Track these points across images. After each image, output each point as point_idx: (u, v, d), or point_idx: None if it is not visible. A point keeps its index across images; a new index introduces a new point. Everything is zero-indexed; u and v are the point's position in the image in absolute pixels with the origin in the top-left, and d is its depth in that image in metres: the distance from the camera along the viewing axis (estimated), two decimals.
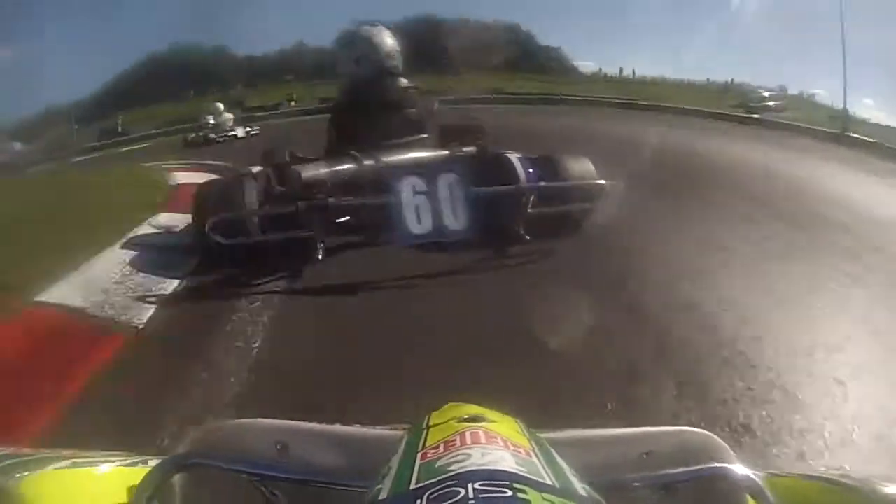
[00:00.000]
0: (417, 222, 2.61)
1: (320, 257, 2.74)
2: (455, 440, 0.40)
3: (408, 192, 2.61)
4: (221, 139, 11.24)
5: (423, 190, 2.65)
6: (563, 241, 3.09)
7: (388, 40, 3.40)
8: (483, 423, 0.43)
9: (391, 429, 0.55)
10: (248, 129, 11.72)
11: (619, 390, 1.81)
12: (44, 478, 0.47)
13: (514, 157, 3.21)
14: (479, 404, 0.49)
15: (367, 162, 2.92)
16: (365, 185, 2.87)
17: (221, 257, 2.77)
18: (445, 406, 0.50)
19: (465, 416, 0.45)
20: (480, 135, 3.72)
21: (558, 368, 1.88)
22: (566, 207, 3.07)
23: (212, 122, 11.77)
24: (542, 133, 7.24)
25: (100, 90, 18.74)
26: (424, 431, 0.45)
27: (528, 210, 3.00)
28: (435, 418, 0.48)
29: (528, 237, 3.00)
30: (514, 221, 3.01)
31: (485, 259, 2.89)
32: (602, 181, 3.12)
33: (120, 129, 15.90)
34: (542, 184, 3.06)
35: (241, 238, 2.70)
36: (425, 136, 3.39)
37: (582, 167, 3.21)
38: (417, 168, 2.69)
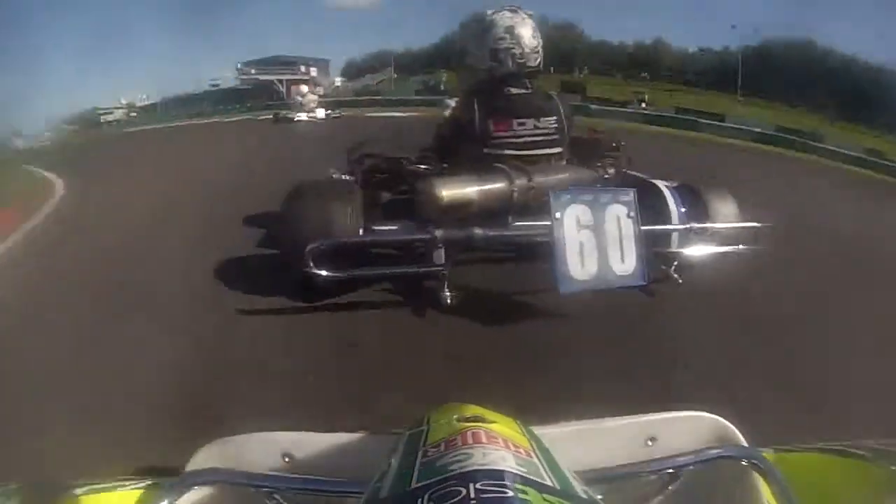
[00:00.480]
0: (581, 265, 2.13)
1: (448, 303, 2.29)
2: (456, 440, 0.40)
3: (571, 224, 2.12)
4: (299, 119, 11.38)
5: (588, 223, 2.16)
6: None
7: (530, 32, 2.87)
8: (484, 423, 0.43)
9: (394, 432, 0.53)
10: (328, 111, 11.79)
11: None
12: None
13: (662, 185, 2.69)
14: (479, 404, 0.48)
15: (519, 181, 2.44)
16: (515, 210, 2.40)
17: (315, 290, 2.29)
18: (445, 406, 0.50)
19: (466, 416, 0.45)
20: (616, 153, 3.17)
21: None
22: (718, 249, 2.59)
23: (300, 100, 12.03)
24: None
25: (436, 43, 18.94)
26: (425, 431, 0.45)
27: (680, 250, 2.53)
28: (435, 418, 0.47)
29: (680, 280, 2.51)
30: (667, 262, 2.54)
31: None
32: (756, 224, 2.61)
33: (442, 88, 14.81)
34: (709, 225, 2.55)
35: (347, 271, 2.19)
36: (560, 150, 2.87)
37: (725, 204, 2.66)
38: (582, 195, 2.19)
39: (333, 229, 2.23)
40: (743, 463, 0.51)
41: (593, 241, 2.12)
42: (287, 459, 0.55)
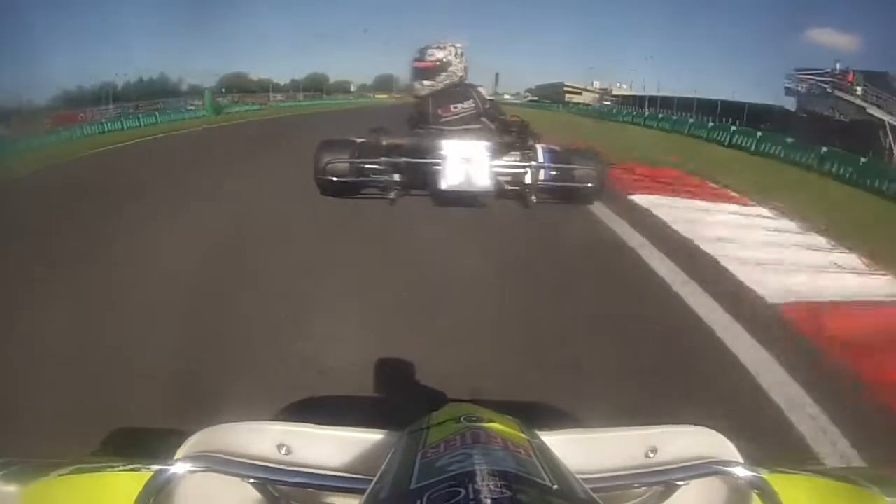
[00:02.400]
0: (454, 178, 4.01)
1: (392, 196, 4.27)
2: (455, 440, 0.41)
3: (453, 155, 4.03)
4: None
5: (463, 156, 4.04)
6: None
7: (452, 58, 4.86)
8: (483, 424, 0.44)
9: (392, 430, 0.54)
10: None
11: None
12: (48, 485, 0.47)
13: (540, 146, 4.51)
14: (478, 404, 0.50)
15: (433, 137, 4.36)
16: (427, 151, 4.33)
17: (331, 186, 4.42)
18: (445, 406, 0.51)
19: (465, 416, 0.46)
20: (521, 128, 5.01)
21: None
22: (568, 184, 4.32)
23: None
24: None
25: None
26: (424, 431, 0.46)
27: (538, 182, 4.31)
28: (435, 418, 0.48)
29: (534, 200, 4.29)
30: (528, 189, 4.33)
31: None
32: (592, 168, 4.36)
33: None
34: (546, 164, 4.34)
35: (348, 175, 4.32)
36: (478, 126, 4.76)
37: (586, 159, 4.49)
38: (460, 140, 4.11)
39: (335, 158, 4.33)
40: (739, 481, 0.51)
41: (464, 164, 4.00)
42: (282, 450, 0.55)
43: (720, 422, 0.58)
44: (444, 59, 4.73)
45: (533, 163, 4.29)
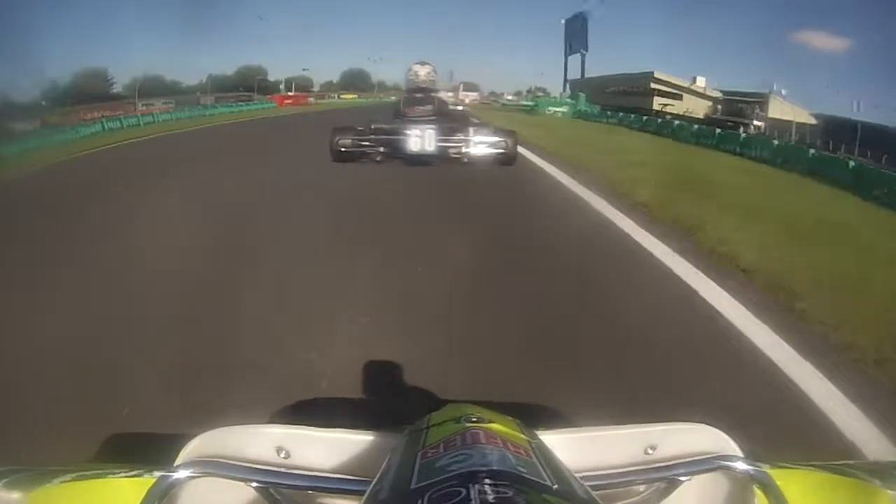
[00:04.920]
0: (414, 147, 6.81)
1: (378, 159, 7.06)
2: (455, 440, 0.42)
3: (414, 135, 6.82)
4: None
5: (419, 135, 6.84)
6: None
7: (425, 72, 7.62)
8: (483, 424, 0.46)
9: (392, 432, 0.55)
10: None
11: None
12: (50, 492, 0.49)
13: (471, 127, 7.38)
14: (478, 404, 0.51)
15: (405, 124, 7.11)
16: (400, 132, 7.10)
17: (340, 154, 6.85)
18: (445, 407, 0.53)
19: (465, 417, 0.47)
20: (464, 117, 7.84)
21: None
22: (490, 151, 7.17)
23: None
24: None
25: None
26: (425, 432, 0.47)
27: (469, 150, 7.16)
28: (435, 419, 0.50)
29: (466, 161, 7.15)
30: (462, 153, 7.17)
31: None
32: (505, 139, 7.10)
33: None
34: (476, 138, 7.20)
35: (351, 148, 7.07)
36: (436, 117, 7.54)
37: (507, 137, 7.27)
38: (419, 126, 6.93)
39: (344, 135, 7.07)
40: (741, 476, 0.51)
41: (419, 139, 6.81)
42: (281, 454, 0.55)
43: None
44: (424, 77, 7.55)
45: (462, 137, 7.14)
